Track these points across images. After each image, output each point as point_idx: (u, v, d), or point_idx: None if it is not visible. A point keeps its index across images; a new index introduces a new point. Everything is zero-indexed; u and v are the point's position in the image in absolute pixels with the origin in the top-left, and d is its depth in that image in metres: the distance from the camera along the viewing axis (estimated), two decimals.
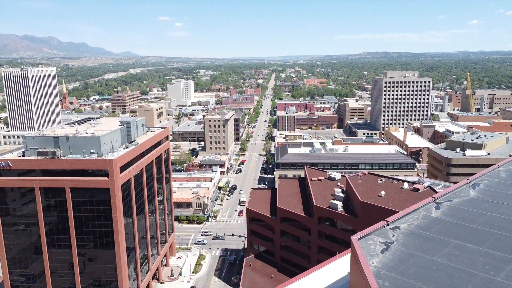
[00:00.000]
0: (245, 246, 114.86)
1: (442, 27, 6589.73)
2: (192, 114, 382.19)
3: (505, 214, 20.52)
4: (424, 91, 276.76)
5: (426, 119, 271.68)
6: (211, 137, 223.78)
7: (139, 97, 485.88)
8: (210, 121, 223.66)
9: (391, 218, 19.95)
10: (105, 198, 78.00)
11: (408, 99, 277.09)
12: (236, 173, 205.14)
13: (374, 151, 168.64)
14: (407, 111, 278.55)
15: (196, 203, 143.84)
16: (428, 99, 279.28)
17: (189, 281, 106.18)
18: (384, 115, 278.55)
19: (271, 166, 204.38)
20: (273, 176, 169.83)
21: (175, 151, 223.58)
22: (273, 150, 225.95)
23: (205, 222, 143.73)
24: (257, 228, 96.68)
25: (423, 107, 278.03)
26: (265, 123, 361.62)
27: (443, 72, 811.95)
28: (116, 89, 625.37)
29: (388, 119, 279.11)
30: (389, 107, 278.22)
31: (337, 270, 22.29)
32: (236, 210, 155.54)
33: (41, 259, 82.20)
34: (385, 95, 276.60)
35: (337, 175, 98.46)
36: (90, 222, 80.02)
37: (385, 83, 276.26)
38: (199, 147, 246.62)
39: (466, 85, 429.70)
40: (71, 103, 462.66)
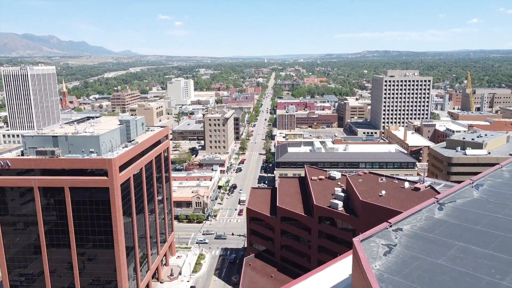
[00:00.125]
0: (245, 245, 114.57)
1: (442, 25, 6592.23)
2: (192, 113, 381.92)
3: (509, 215, 20.12)
4: (424, 90, 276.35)
5: (426, 118, 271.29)
6: (211, 136, 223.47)
7: (139, 96, 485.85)
8: (210, 120, 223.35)
9: (393, 219, 19.54)
10: (104, 197, 77.77)
11: (408, 98, 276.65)
12: (236, 172, 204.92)
13: (374, 150, 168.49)
14: (408, 110, 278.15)
15: (196, 202, 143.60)
16: (428, 98, 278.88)
17: (188, 281, 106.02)
18: (384, 114, 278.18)
19: (271, 165, 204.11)
20: (273, 175, 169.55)
21: (174, 150, 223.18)
22: (273, 149, 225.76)
23: (205, 221, 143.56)
24: (257, 227, 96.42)
25: (424, 106, 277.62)
26: (265, 122, 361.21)
27: (443, 71, 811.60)
28: (116, 88, 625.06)
29: (388, 118, 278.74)
30: (389, 106, 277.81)
31: (338, 272, 21.91)
32: (236, 209, 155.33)
33: (40, 258, 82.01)
34: (385, 94, 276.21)
35: (337, 174, 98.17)
36: (89, 221, 79.83)
37: (385, 82, 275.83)
38: (199, 146, 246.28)
39: (466, 84, 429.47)
40: (71, 102, 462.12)
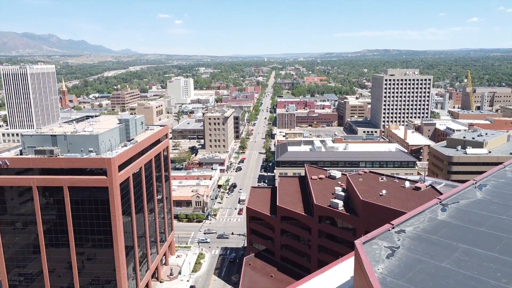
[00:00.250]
0: (245, 244, 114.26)
1: (442, 24, 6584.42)
2: (191, 112, 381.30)
3: None
4: (424, 88, 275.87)
5: (426, 117, 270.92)
6: (210, 135, 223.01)
7: (138, 95, 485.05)
8: (209, 119, 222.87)
9: (396, 221, 19.14)
10: (103, 196, 77.40)
11: (408, 96, 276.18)
12: (236, 171, 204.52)
13: (374, 149, 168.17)
14: (408, 109, 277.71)
15: (195, 202, 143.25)
16: (428, 96, 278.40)
17: (188, 280, 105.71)
18: (384, 113, 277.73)
19: (271, 164, 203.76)
20: (273, 174, 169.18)
21: (174, 149, 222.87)
22: (273, 148, 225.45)
23: (204, 220, 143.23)
24: (257, 226, 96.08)
25: (424, 105, 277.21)
26: (265, 121, 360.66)
27: (443, 69, 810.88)
28: (115, 87, 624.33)
29: (388, 117, 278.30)
30: (389, 105, 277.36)
31: (340, 274, 21.54)
32: (236, 208, 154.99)
33: (39, 258, 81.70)
34: (385, 93, 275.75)
35: (337, 174, 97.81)
36: (88, 221, 79.47)
37: (386, 80, 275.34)
38: (198, 145, 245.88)
39: (466, 82, 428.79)
40: (71, 101, 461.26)
